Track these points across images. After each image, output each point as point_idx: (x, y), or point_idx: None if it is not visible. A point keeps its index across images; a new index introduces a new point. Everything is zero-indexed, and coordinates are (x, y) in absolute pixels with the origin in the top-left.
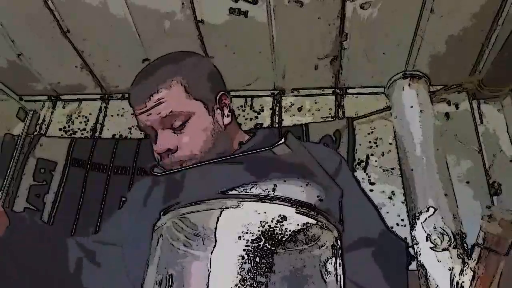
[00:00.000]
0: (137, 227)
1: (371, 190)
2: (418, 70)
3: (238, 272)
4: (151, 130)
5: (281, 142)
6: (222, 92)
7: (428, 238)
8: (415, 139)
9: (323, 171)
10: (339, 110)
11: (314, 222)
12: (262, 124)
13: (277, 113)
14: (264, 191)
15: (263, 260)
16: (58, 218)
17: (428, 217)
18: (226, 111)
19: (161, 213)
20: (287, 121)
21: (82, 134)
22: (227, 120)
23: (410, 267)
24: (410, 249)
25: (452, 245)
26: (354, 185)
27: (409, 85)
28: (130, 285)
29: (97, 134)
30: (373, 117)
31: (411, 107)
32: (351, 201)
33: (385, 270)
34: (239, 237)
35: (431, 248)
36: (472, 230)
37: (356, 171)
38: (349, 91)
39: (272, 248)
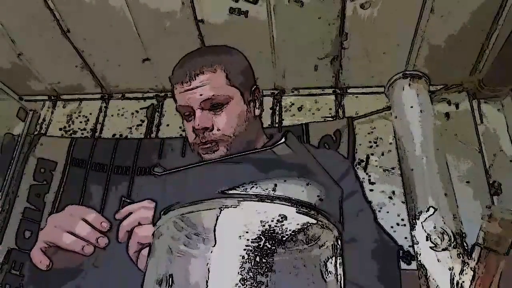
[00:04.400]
0: None
1: (371, 190)
2: (418, 70)
3: (238, 272)
4: (189, 109)
5: (281, 141)
6: (256, 86)
7: (428, 238)
8: (415, 139)
9: (323, 171)
10: (339, 110)
11: (314, 221)
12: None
13: (277, 112)
14: (264, 190)
15: (263, 260)
16: None
17: (428, 217)
18: (257, 104)
19: (161, 213)
20: (287, 121)
21: (82, 134)
22: (257, 111)
23: (411, 267)
24: (410, 249)
25: (452, 245)
26: (358, 190)
27: (409, 85)
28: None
29: (97, 134)
30: (373, 117)
31: (411, 107)
32: (351, 204)
33: (377, 269)
34: (239, 237)
35: (431, 248)
36: (472, 230)
37: (356, 171)
38: (349, 91)
39: (273, 247)
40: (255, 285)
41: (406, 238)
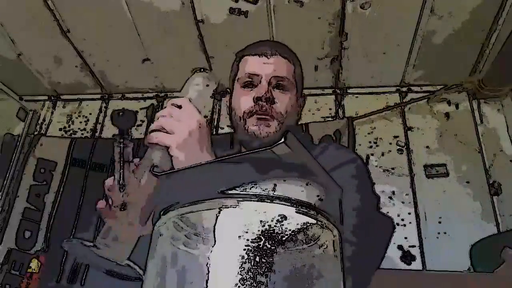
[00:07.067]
0: None
1: None
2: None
3: (238, 272)
4: (256, 78)
5: (281, 141)
6: (304, 96)
7: None
8: None
9: (323, 171)
10: (339, 110)
11: (314, 221)
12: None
13: None
14: (264, 190)
15: (263, 260)
16: (58, 218)
17: None
18: (300, 110)
19: (161, 213)
20: None
21: (82, 134)
22: (297, 116)
23: (411, 267)
24: (411, 249)
25: None
26: (365, 178)
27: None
28: None
29: (97, 134)
30: (373, 117)
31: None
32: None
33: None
34: (239, 237)
35: None
36: (472, 229)
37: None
38: (349, 91)
39: (272, 247)
40: (255, 285)
41: (406, 238)
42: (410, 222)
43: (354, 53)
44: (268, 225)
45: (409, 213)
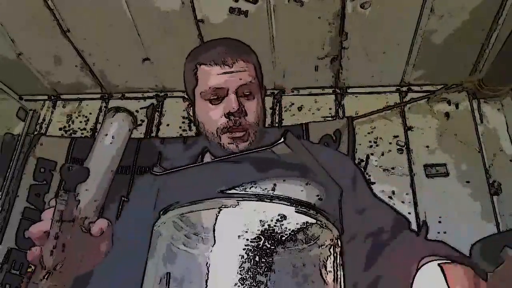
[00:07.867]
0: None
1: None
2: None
3: (237, 271)
4: (223, 92)
5: (280, 141)
6: (265, 87)
7: None
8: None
9: (323, 170)
10: (339, 109)
11: (314, 221)
12: None
13: (277, 112)
14: (263, 190)
15: (262, 259)
16: None
17: None
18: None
19: (161, 212)
20: (287, 120)
21: (82, 133)
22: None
23: None
24: None
25: None
26: (368, 192)
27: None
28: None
29: (97, 134)
30: (373, 117)
31: (106, 135)
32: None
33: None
34: (239, 236)
35: None
36: (472, 229)
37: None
38: (349, 90)
39: (272, 247)
40: (255, 284)
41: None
42: (410, 222)
43: (354, 52)
44: (268, 225)
45: (409, 213)
